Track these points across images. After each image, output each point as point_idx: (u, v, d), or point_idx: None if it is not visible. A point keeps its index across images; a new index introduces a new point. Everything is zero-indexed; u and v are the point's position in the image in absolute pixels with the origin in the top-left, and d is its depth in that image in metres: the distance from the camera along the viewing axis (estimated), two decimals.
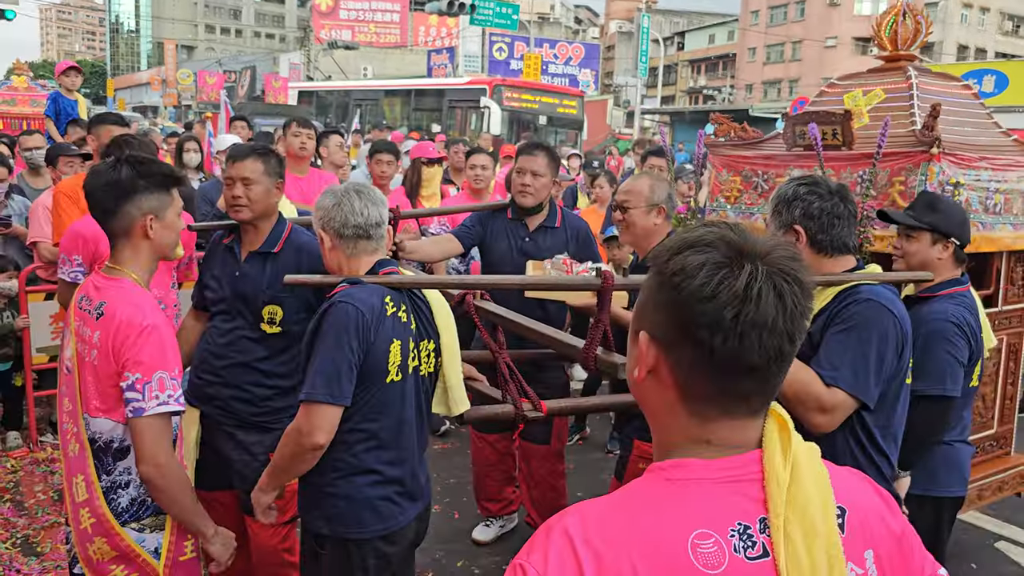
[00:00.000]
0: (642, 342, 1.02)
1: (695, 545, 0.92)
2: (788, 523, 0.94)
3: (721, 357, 0.96)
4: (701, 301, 0.95)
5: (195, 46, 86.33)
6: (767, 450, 0.99)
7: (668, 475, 0.99)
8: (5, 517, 4.10)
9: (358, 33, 46.33)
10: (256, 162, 2.94)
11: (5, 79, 11.43)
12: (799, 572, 0.93)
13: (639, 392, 1.06)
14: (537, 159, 3.76)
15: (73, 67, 8.95)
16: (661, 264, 1.01)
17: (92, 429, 2.14)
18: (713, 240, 0.99)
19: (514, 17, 29.84)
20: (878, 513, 1.05)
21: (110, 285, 2.17)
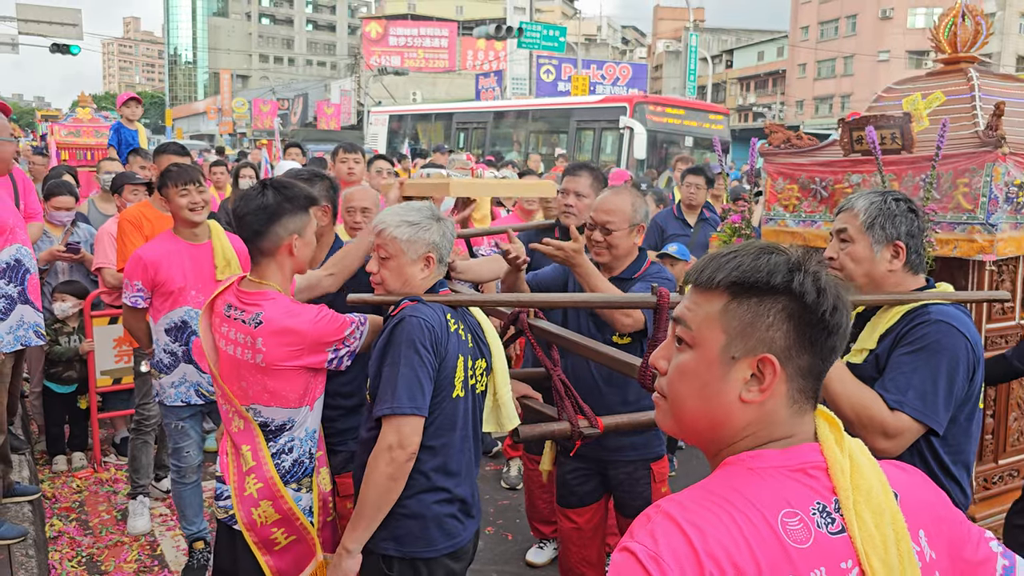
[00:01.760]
0: (755, 367, 1.08)
1: (784, 523, 1.00)
2: (857, 504, 1.04)
3: (832, 355, 1.11)
4: (832, 313, 1.08)
5: (250, 75, 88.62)
6: (824, 442, 1.10)
7: (749, 465, 1.07)
8: (71, 536, 4.20)
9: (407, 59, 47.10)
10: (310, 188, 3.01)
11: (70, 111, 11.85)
12: (873, 546, 1.03)
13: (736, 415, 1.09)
14: (581, 180, 3.77)
15: (133, 98, 9.25)
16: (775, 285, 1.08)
17: (262, 416, 2.46)
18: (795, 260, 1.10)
19: (561, 39, 30.04)
20: (925, 497, 1.15)
21: (261, 299, 2.45)
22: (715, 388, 1.09)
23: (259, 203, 2.43)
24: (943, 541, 1.12)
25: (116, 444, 5.37)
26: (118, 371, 5.14)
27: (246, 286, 2.50)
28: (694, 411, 1.12)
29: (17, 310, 3.69)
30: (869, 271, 2.22)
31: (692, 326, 1.12)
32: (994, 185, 3.01)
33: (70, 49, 25.38)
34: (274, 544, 2.46)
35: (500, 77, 40.03)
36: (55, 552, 4.02)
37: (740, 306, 1.09)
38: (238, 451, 2.48)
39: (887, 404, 2.01)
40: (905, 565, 1.04)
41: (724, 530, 0.98)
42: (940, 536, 1.12)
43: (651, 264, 3.17)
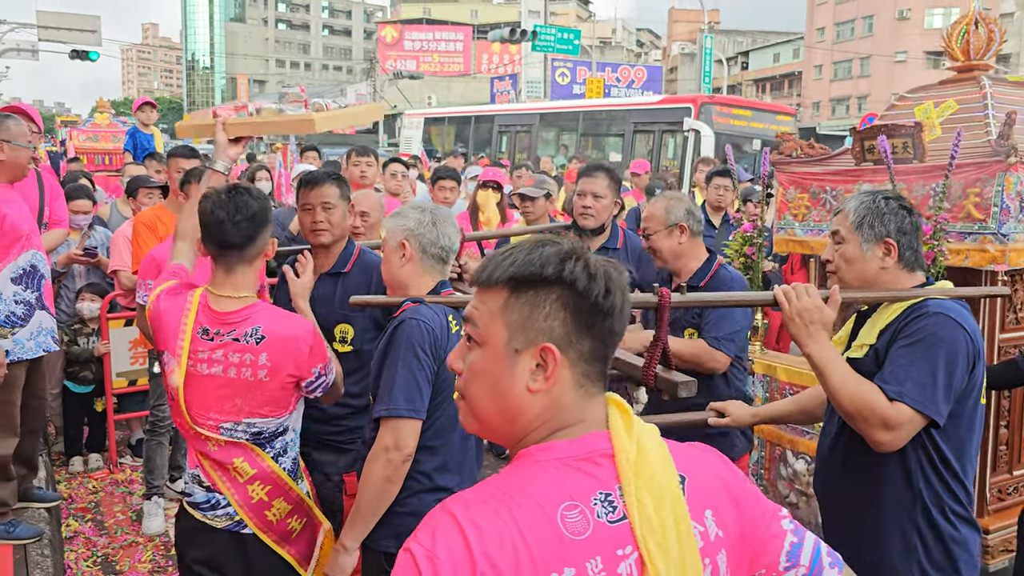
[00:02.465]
0: (538, 356, 1.11)
1: (564, 516, 1.04)
2: (639, 490, 1.08)
3: (612, 338, 1.15)
4: (604, 295, 1.12)
5: (266, 80, 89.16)
6: (614, 429, 1.13)
7: (536, 458, 1.11)
8: (87, 536, 4.25)
9: (422, 63, 47.29)
10: (333, 187, 3.04)
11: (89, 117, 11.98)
12: (651, 530, 1.06)
13: (525, 406, 1.13)
14: (598, 181, 3.77)
15: (148, 102, 9.36)
16: (549, 275, 1.11)
17: (256, 428, 2.40)
18: (574, 248, 1.14)
19: (575, 42, 30.06)
20: (718, 478, 1.19)
21: (250, 311, 2.38)
22: (504, 382, 1.13)
23: (252, 209, 2.37)
24: (734, 519, 1.16)
25: (132, 445, 5.42)
26: (133, 373, 5.19)
27: (223, 305, 2.39)
28: (489, 407, 1.16)
29: (36, 316, 3.70)
30: (861, 271, 2.22)
31: (479, 324, 1.16)
32: (1006, 195, 2.99)
33: (89, 55, 25.66)
34: (291, 533, 2.48)
35: (515, 80, 40.10)
36: (71, 552, 4.06)
37: (519, 300, 1.12)
38: (226, 466, 2.41)
39: (886, 396, 2.01)
40: (683, 546, 1.07)
41: (503, 527, 1.01)
42: (730, 515, 1.16)
43: (719, 268, 3.16)
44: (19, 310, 3.66)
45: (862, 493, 2.18)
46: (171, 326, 2.39)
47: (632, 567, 1.05)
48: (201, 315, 2.38)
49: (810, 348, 2.10)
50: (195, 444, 2.43)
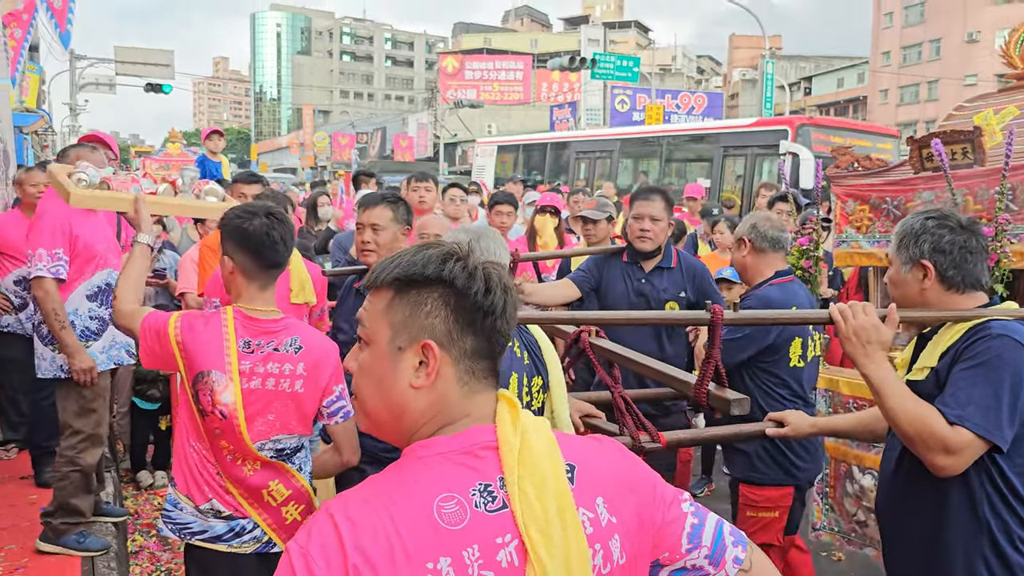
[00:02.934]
0: (420, 354, 1.15)
1: (440, 507, 1.06)
2: (521, 479, 1.10)
3: (499, 335, 1.18)
4: (485, 295, 1.15)
5: (331, 110, 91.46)
6: (500, 422, 1.16)
7: (417, 454, 1.14)
8: (151, 551, 4.35)
9: (483, 92, 47.90)
10: (385, 209, 3.13)
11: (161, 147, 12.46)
12: (533, 518, 1.08)
13: (409, 402, 1.16)
14: (655, 203, 3.78)
15: (216, 131, 9.70)
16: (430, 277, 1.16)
17: (280, 445, 2.43)
18: (453, 250, 1.18)
19: (635, 70, 30.14)
20: (610, 466, 1.22)
21: (287, 323, 2.46)
22: (389, 380, 1.17)
23: (289, 229, 2.48)
24: (630, 506, 1.19)
25: None
26: None
27: (258, 315, 2.42)
28: (376, 405, 1.20)
29: (109, 331, 3.88)
30: (904, 293, 2.19)
31: (367, 324, 1.21)
32: None
33: (163, 88, 26.69)
34: None
35: (574, 108, 40.33)
36: (136, 566, 4.17)
37: (402, 299, 1.17)
38: (261, 491, 2.42)
39: (946, 419, 1.94)
40: (568, 533, 1.09)
41: (377, 521, 1.05)
42: (624, 501, 1.19)
43: (768, 285, 3.23)
44: (93, 325, 3.85)
45: (926, 519, 2.11)
46: (211, 343, 2.38)
47: (512, 554, 1.07)
48: (240, 328, 2.40)
49: (867, 368, 2.05)
50: (230, 470, 2.40)
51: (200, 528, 2.41)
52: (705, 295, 3.72)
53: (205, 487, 2.40)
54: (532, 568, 1.07)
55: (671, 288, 3.74)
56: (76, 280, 3.81)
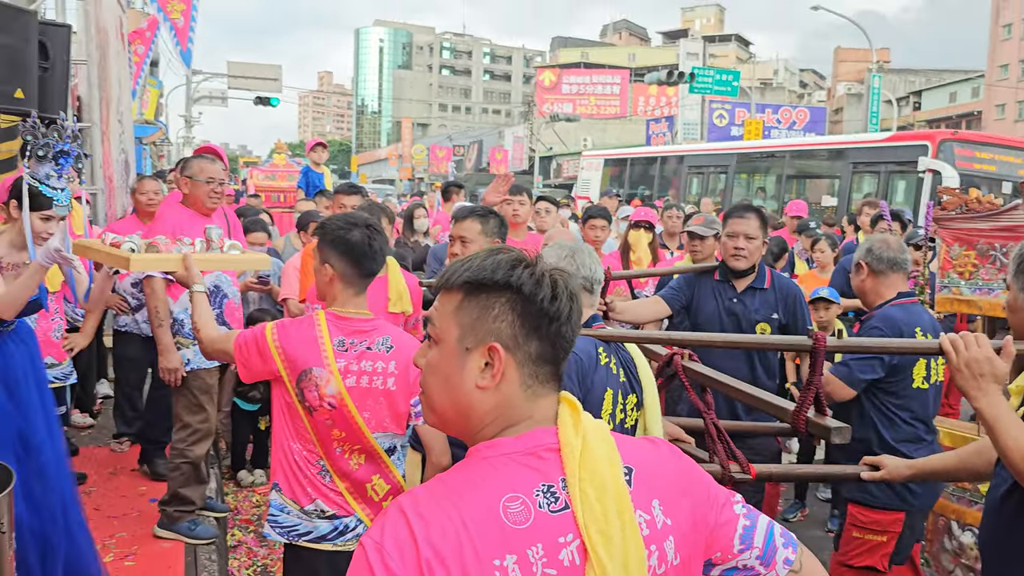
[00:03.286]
0: (487, 355, 1.19)
1: (506, 507, 1.11)
2: (582, 481, 1.14)
3: (563, 341, 1.21)
4: (551, 301, 1.19)
5: (429, 123, 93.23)
6: (561, 425, 1.19)
7: (483, 454, 1.18)
8: (249, 546, 4.52)
9: (579, 106, 47.94)
10: (474, 222, 3.21)
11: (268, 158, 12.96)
12: (594, 519, 1.12)
13: (475, 401, 1.21)
14: (749, 221, 3.72)
15: (320, 143, 10.05)
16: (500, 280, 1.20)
17: (383, 443, 2.54)
18: (521, 256, 1.22)
19: (734, 84, 29.60)
20: (665, 468, 1.25)
21: (377, 323, 2.58)
22: (456, 379, 1.22)
23: (385, 240, 2.62)
24: (684, 508, 1.22)
25: None
26: None
27: (350, 315, 2.54)
28: (443, 402, 1.24)
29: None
30: (1022, 320, 2.09)
31: (437, 324, 1.25)
32: None
33: (271, 101, 27.82)
34: None
35: (671, 122, 39.89)
36: (234, 560, 4.34)
37: (471, 302, 1.21)
38: (365, 485, 2.53)
39: None
40: (626, 534, 1.13)
41: (446, 518, 1.09)
42: (679, 504, 1.22)
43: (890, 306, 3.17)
44: None
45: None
46: (307, 343, 2.48)
47: (574, 553, 1.11)
48: (333, 329, 2.50)
49: (980, 402, 1.96)
50: (337, 463, 2.51)
51: (306, 529, 2.52)
52: (795, 318, 3.64)
53: (309, 488, 2.51)
54: (592, 568, 1.10)
55: (763, 309, 3.66)
56: None
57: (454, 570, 1.06)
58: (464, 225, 3.22)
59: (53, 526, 3.03)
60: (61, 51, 6.39)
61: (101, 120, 8.02)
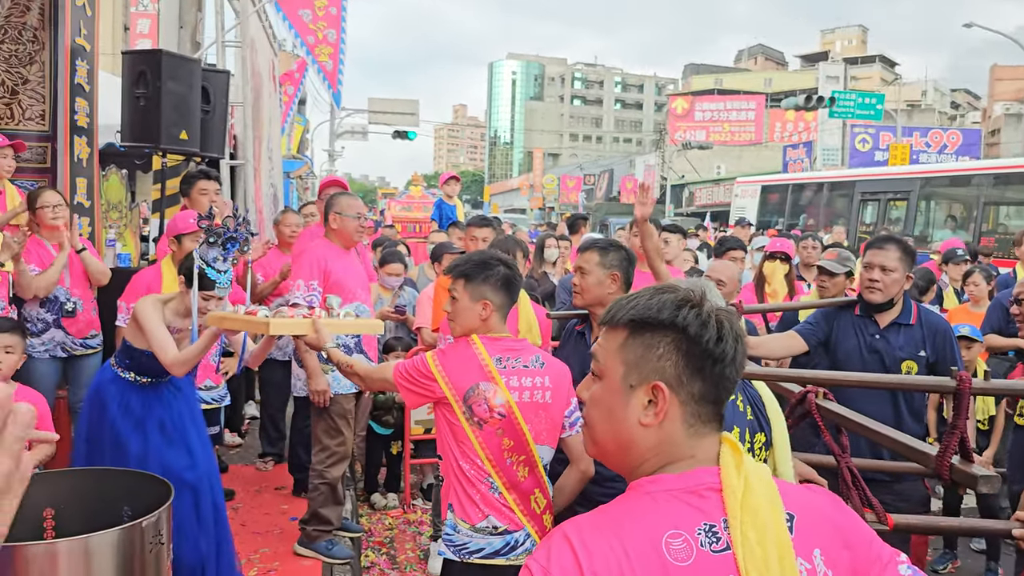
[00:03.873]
0: (650, 393, 1.21)
1: (668, 543, 1.11)
2: (744, 524, 1.13)
3: (726, 383, 1.22)
4: (716, 343, 1.19)
5: (560, 153, 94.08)
6: (724, 465, 1.19)
7: (646, 489, 1.19)
8: (381, 568, 4.66)
9: (712, 133, 47.11)
10: (593, 254, 3.25)
11: (404, 189, 13.45)
12: (754, 562, 1.11)
13: (637, 438, 1.22)
14: (888, 253, 3.53)
15: (453, 177, 10.34)
16: (665, 319, 1.21)
17: (543, 455, 2.68)
18: (688, 295, 1.23)
19: (878, 107, 28.37)
20: (827, 518, 1.22)
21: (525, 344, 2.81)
22: (619, 414, 1.23)
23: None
24: (844, 560, 1.19)
25: (423, 489, 5.87)
26: (429, 422, 5.66)
27: (502, 335, 2.74)
28: (604, 435, 1.27)
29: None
30: None
31: (600, 360, 1.27)
32: None
33: (408, 135, 28.88)
34: None
35: (810, 148, 38.55)
36: None
37: (636, 340, 1.23)
38: (528, 498, 2.66)
39: None
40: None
41: (610, 550, 1.10)
42: (840, 556, 1.19)
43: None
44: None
45: None
46: (468, 363, 2.66)
47: None
48: (489, 348, 2.68)
49: None
50: (508, 474, 2.64)
51: (476, 547, 2.64)
52: (944, 357, 3.41)
53: (482, 505, 2.64)
54: None
55: (908, 346, 3.46)
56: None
57: None
58: (584, 256, 3.28)
59: (207, 546, 3.31)
60: (220, 95, 6.92)
61: (254, 157, 8.59)
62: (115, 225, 7.01)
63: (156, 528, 2.18)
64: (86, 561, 1.99)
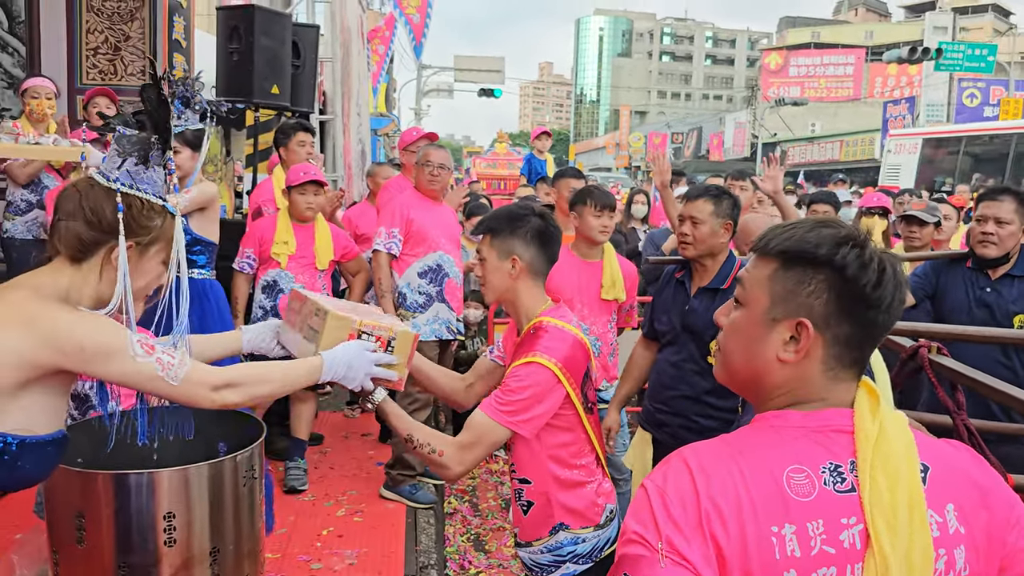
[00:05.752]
0: (794, 329, 1.15)
1: (789, 478, 1.08)
2: (874, 468, 1.09)
3: (877, 330, 1.15)
4: (873, 288, 1.12)
5: (647, 111, 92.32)
6: (858, 409, 1.14)
7: (771, 423, 1.16)
8: (464, 515, 4.73)
9: (807, 89, 45.44)
10: (707, 203, 3.13)
11: (490, 147, 13.43)
12: (881, 508, 1.07)
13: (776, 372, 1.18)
14: (1002, 205, 3.33)
15: (545, 132, 10.25)
16: (821, 256, 1.14)
17: None
18: (854, 233, 1.15)
19: (989, 59, 26.77)
20: (966, 475, 1.16)
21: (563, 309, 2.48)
22: (757, 346, 1.19)
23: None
24: (981, 521, 1.13)
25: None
26: None
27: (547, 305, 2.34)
28: (739, 364, 1.23)
29: (434, 307, 4.39)
30: None
31: (746, 287, 1.22)
32: None
33: (494, 93, 28.78)
34: None
35: (912, 104, 36.71)
36: (450, 526, 4.55)
37: (787, 272, 1.17)
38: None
39: None
40: (915, 530, 1.07)
41: (728, 477, 1.08)
42: (976, 514, 1.13)
43: None
44: (420, 299, 4.39)
45: None
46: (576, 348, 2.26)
47: (855, 536, 1.07)
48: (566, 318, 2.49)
49: None
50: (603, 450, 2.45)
51: (606, 539, 2.32)
52: None
53: (599, 498, 2.31)
54: (873, 556, 1.06)
55: (1022, 299, 3.27)
56: (411, 258, 4.37)
57: (732, 528, 1.05)
58: (696, 205, 3.14)
59: None
60: (310, 50, 7.00)
61: (343, 112, 8.69)
62: (211, 178, 7.22)
63: (249, 463, 2.23)
64: (185, 491, 2.06)
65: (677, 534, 1.06)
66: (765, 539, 1.05)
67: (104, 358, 1.67)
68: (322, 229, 4.53)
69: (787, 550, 1.05)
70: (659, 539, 1.06)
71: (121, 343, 1.68)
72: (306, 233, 4.47)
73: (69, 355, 1.66)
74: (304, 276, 4.43)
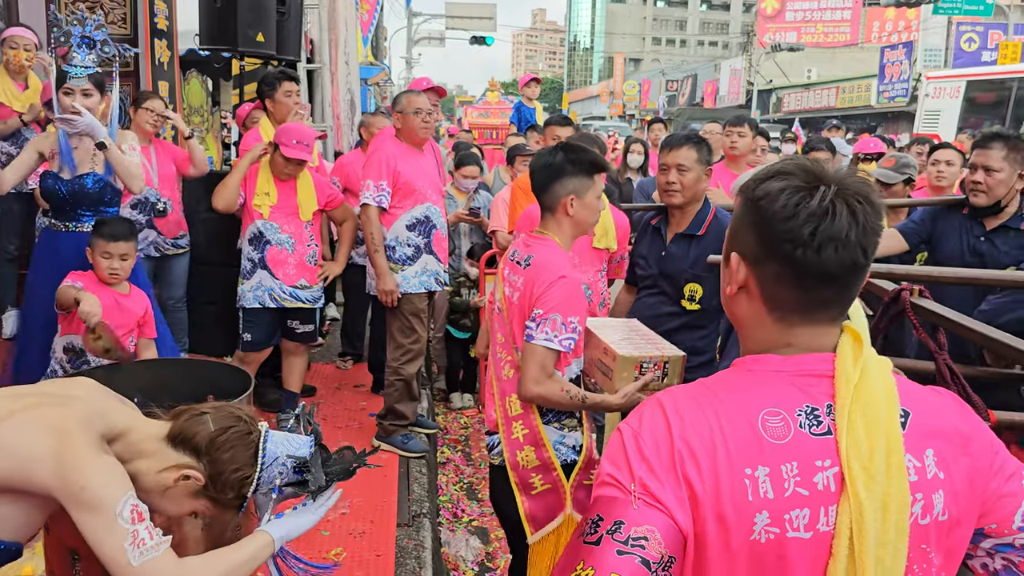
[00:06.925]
0: (733, 262, 1.18)
1: (764, 420, 1.09)
2: (852, 412, 1.09)
3: (802, 268, 1.11)
4: (784, 220, 1.10)
5: (641, 58, 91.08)
6: (840, 353, 1.14)
7: (749, 367, 1.18)
8: (456, 464, 4.78)
9: (804, 34, 44.76)
10: (691, 150, 3.13)
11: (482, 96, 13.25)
12: (857, 452, 1.07)
13: (730, 307, 1.23)
14: (992, 152, 3.29)
15: (534, 78, 10.09)
16: (749, 192, 1.16)
17: None
18: (792, 169, 1.14)
19: (988, 2, 26.31)
20: (946, 419, 1.16)
21: (537, 243, 2.55)
22: (723, 280, 1.25)
23: (545, 161, 2.54)
24: (961, 467, 1.14)
25: None
26: None
27: (536, 233, 2.59)
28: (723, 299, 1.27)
29: (422, 258, 4.34)
30: None
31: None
32: None
33: (486, 40, 28.31)
34: (531, 488, 2.56)
35: (910, 49, 36.19)
36: (442, 475, 4.60)
37: (740, 211, 1.19)
38: (504, 399, 2.59)
39: None
40: (892, 475, 1.07)
41: (703, 420, 1.10)
42: (956, 460, 1.14)
43: None
44: (409, 252, 4.33)
45: None
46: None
47: (829, 479, 1.08)
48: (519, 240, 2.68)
49: None
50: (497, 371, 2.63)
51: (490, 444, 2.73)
52: None
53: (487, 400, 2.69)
54: (847, 499, 1.07)
55: (1015, 251, 3.24)
56: (399, 210, 4.29)
57: (705, 469, 1.07)
58: (681, 153, 3.14)
59: None
60: None
61: (331, 61, 8.53)
62: (197, 129, 7.11)
63: None
64: None
65: (650, 476, 1.07)
66: (738, 481, 1.06)
67: (92, 508, 1.61)
68: (304, 180, 4.46)
69: (760, 491, 1.06)
70: (632, 481, 1.08)
71: (116, 501, 1.62)
72: (288, 184, 4.41)
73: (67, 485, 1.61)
74: (290, 226, 4.38)
